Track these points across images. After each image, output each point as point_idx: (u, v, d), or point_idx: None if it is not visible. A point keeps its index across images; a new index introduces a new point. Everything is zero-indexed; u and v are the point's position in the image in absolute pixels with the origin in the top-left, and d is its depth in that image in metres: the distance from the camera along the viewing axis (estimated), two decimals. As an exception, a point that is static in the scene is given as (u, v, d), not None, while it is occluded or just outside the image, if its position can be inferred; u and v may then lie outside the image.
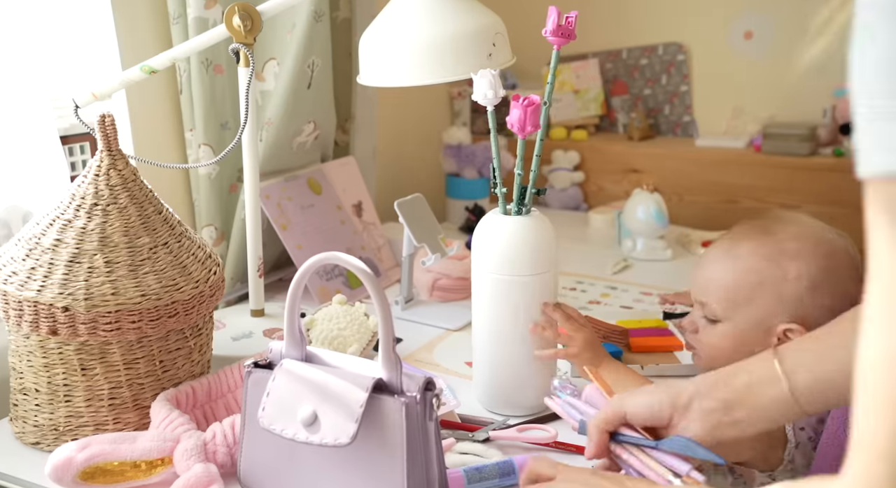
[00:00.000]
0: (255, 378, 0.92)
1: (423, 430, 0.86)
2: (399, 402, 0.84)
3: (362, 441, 0.85)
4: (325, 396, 0.86)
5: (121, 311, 1.02)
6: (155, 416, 1.04)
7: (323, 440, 0.85)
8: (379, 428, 0.85)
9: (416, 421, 0.85)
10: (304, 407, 0.87)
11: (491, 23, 1.27)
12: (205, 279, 1.10)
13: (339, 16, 1.66)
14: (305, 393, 0.88)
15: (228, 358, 1.27)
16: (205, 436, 0.99)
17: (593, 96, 2.22)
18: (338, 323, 1.29)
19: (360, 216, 1.68)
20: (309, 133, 1.59)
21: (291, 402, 0.88)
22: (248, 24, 1.26)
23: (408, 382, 0.86)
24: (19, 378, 1.07)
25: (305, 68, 1.52)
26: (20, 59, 1.23)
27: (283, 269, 1.62)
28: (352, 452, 0.86)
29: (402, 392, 0.85)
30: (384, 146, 1.91)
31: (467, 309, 1.49)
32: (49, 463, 0.94)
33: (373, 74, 1.30)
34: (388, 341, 0.85)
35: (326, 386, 0.87)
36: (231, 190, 1.54)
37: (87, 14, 1.36)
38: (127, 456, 0.96)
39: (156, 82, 1.44)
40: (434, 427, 0.87)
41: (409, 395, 0.85)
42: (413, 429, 0.85)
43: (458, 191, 2.03)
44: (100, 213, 1.05)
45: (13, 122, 1.24)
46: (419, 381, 0.85)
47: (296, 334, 0.91)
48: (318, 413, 0.86)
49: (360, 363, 0.90)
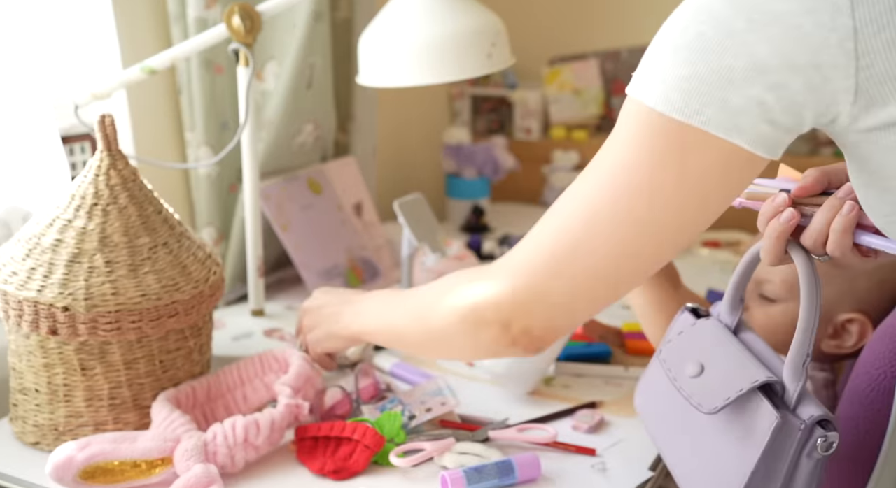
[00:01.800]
0: (683, 317, 0.94)
1: (794, 462, 0.79)
2: (773, 416, 0.78)
3: (724, 425, 0.82)
4: (721, 363, 0.85)
5: (121, 311, 1.02)
6: (155, 416, 1.04)
7: (692, 394, 0.85)
8: (744, 426, 0.81)
9: (785, 445, 0.78)
10: (697, 361, 0.87)
11: (491, 23, 1.27)
12: (205, 279, 1.10)
13: (339, 16, 1.66)
14: (708, 351, 0.87)
15: (228, 358, 1.27)
16: (205, 437, 0.99)
17: (593, 96, 2.22)
18: (338, 323, 1.29)
19: (360, 216, 1.68)
20: (309, 133, 1.59)
21: (692, 351, 0.89)
22: (248, 24, 1.26)
23: (808, 407, 0.79)
24: (19, 378, 1.07)
25: (305, 68, 1.52)
26: (20, 59, 1.23)
27: (283, 269, 1.62)
28: (713, 427, 0.84)
29: (792, 409, 0.79)
30: (384, 146, 1.90)
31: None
32: (49, 463, 0.94)
33: (373, 74, 1.30)
34: (802, 349, 0.79)
35: (728, 357, 0.85)
36: (231, 190, 1.54)
37: (87, 14, 1.36)
38: (127, 455, 0.96)
39: (156, 82, 1.44)
40: (811, 467, 0.79)
41: (794, 416, 0.78)
42: (777, 453, 0.78)
43: (458, 191, 2.03)
44: (100, 213, 1.05)
45: (13, 122, 1.24)
46: (817, 412, 0.78)
47: (736, 302, 0.90)
48: (705, 369, 0.86)
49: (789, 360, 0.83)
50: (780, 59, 0.60)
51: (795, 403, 0.79)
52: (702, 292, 1.53)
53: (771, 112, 0.62)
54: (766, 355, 0.85)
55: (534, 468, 1.00)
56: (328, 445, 1.04)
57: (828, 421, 0.78)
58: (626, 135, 0.69)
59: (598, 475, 1.02)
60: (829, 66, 0.59)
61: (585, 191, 0.73)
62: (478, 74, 1.27)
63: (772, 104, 0.61)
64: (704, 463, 0.86)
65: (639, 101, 0.67)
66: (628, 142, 0.69)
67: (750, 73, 0.61)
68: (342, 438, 1.03)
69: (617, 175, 0.70)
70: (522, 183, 2.16)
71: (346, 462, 1.01)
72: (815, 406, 0.78)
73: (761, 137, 0.63)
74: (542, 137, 2.18)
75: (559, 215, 0.76)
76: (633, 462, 1.04)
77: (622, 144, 0.70)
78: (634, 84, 0.68)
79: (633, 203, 0.69)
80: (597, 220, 0.71)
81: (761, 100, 0.61)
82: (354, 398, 1.15)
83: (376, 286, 1.60)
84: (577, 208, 0.73)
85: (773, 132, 0.63)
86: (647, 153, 0.67)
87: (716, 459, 0.84)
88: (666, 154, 0.66)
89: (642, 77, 0.68)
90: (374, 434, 1.02)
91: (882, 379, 0.90)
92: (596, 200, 0.71)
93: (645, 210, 0.68)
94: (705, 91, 0.62)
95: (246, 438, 1.00)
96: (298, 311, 1.21)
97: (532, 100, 2.15)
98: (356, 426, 1.03)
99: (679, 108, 0.63)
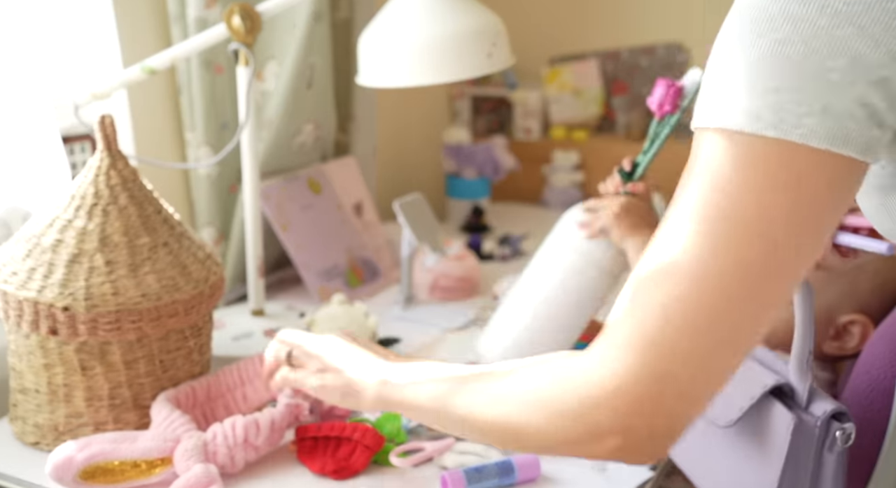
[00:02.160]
0: None
1: (817, 459, 0.79)
2: (788, 417, 0.78)
3: (743, 436, 0.82)
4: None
5: (121, 311, 1.02)
6: (155, 416, 1.04)
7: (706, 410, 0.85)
8: (761, 434, 0.81)
9: (805, 445, 0.78)
10: None
11: (491, 23, 1.27)
12: (205, 279, 1.10)
13: (339, 16, 1.66)
14: None
15: (228, 358, 1.27)
16: (205, 437, 0.99)
17: (593, 96, 2.22)
18: (338, 322, 1.29)
19: (360, 216, 1.68)
20: (309, 133, 1.59)
21: None
22: (248, 23, 1.26)
23: (820, 403, 0.78)
24: (19, 378, 1.07)
25: (305, 68, 1.52)
26: (20, 59, 1.23)
27: (283, 269, 1.62)
28: (732, 438, 0.83)
29: (805, 407, 0.79)
30: (384, 146, 1.90)
31: (467, 309, 1.49)
32: (49, 462, 0.94)
33: (373, 74, 1.30)
34: (803, 348, 0.79)
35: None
36: (231, 190, 1.54)
37: (87, 14, 1.36)
38: (127, 455, 0.96)
39: (156, 82, 1.44)
40: (835, 462, 0.79)
41: (809, 415, 0.78)
42: (799, 453, 0.78)
43: (458, 191, 2.03)
44: (100, 213, 1.05)
45: (13, 122, 1.24)
46: (829, 406, 0.78)
47: None
48: None
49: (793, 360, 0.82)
50: (881, 51, 0.53)
51: (807, 402, 0.79)
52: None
53: (878, 112, 0.54)
54: (767, 360, 0.85)
55: (534, 468, 1.00)
56: (328, 445, 1.04)
57: (842, 413, 0.78)
58: (714, 175, 0.57)
59: (598, 475, 1.02)
60: None
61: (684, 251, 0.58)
62: (478, 74, 1.27)
63: (877, 103, 0.54)
64: (732, 477, 0.85)
65: (717, 129, 0.56)
66: (717, 179, 0.57)
67: (849, 72, 0.53)
68: (342, 438, 1.04)
69: (715, 219, 0.57)
70: (522, 183, 2.16)
71: (347, 461, 1.01)
72: (827, 401, 0.79)
73: (869, 144, 0.55)
74: (542, 137, 2.18)
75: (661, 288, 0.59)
76: (633, 462, 1.04)
77: (711, 186, 0.57)
78: (703, 115, 0.58)
79: (747, 248, 0.56)
80: (707, 278, 0.57)
81: (865, 100, 0.54)
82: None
83: (376, 286, 1.60)
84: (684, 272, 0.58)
85: (880, 135, 0.55)
86: (745, 186, 0.56)
87: (742, 471, 0.83)
88: (767, 181, 0.55)
89: (712, 104, 0.57)
90: (375, 434, 1.02)
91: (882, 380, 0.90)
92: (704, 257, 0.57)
93: (751, 250, 0.56)
94: (800, 100, 0.54)
95: (246, 438, 1.00)
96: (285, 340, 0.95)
97: (532, 100, 2.15)
98: (356, 426, 1.03)
99: (773, 123, 0.54)
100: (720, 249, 0.56)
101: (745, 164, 0.55)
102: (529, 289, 1.17)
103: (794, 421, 0.77)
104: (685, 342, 0.57)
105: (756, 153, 0.55)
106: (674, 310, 0.57)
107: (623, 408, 0.58)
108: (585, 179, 2.25)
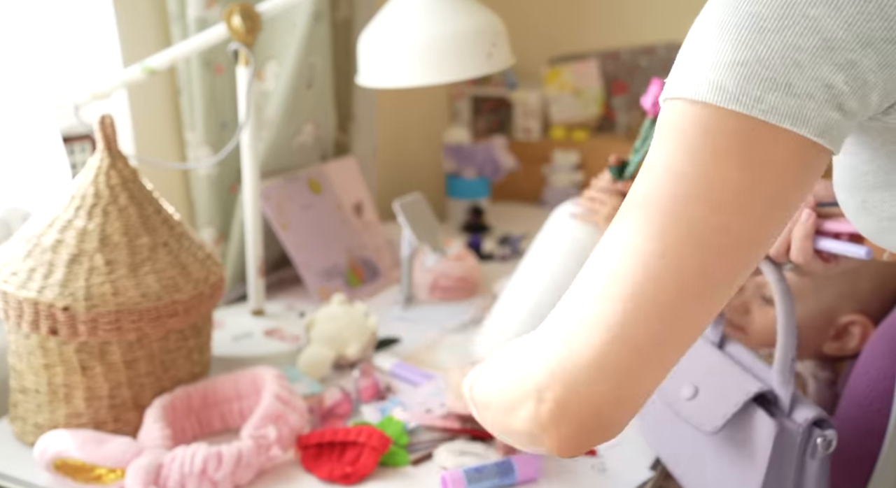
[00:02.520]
0: None
1: (799, 466, 0.79)
2: (770, 424, 0.79)
3: (728, 442, 0.83)
4: (713, 381, 0.85)
5: (121, 311, 1.02)
6: (145, 421, 1.04)
7: (691, 416, 0.84)
8: (745, 440, 0.81)
9: (787, 451, 0.79)
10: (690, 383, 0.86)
11: (491, 23, 1.27)
12: (205, 279, 1.10)
13: (339, 16, 1.66)
14: (699, 371, 0.87)
15: (228, 358, 1.27)
16: (163, 458, 0.96)
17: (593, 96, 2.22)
18: (338, 322, 1.29)
19: (360, 216, 1.68)
20: (309, 133, 1.59)
21: (683, 374, 0.87)
22: (248, 23, 1.25)
23: (802, 410, 0.79)
24: (19, 378, 1.07)
25: (305, 68, 1.52)
26: (20, 59, 1.23)
27: (283, 269, 1.62)
28: (717, 444, 0.84)
29: (787, 414, 0.79)
30: (384, 146, 1.90)
31: (467, 309, 1.49)
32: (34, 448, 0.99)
33: (373, 74, 1.30)
34: (786, 356, 0.80)
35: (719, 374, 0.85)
36: (231, 190, 1.54)
37: (87, 14, 1.36)
38: (87, 458, 0.96)
39: (156, 82, 1.44)
40: (817, 468, 0.80)
41: (791, 422, 0.79)
42: (781, 459, 0.79)
43: (458, 190, 2.03)
44: (100, 213, 1.05)
45: (13, 122, 1.24)
46: (811, 413, 0.79)
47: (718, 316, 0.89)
48: (699, 389, 0.85)
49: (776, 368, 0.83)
50: (852, 33, 0.53)
51: (790, 408, 0.79)
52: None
53: (840, 95, 0.54)
54: (754, 366, 0.86)
55: (534, 468, 1.00)
56: (332, 451, 1.03)
57: (824, 420, 0.78)
58: (671, 145, 0.56)
59: (598, 475, 1.02)
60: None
61: (630, 226, 0.57)
62: (478, 74, 1.27)
63: (840, 86, 0.53)
64: (719, 482, 0.86)
65: (683, 99, 0.56)
66: (674, 151, 0.56)
67: (818, 52, 0.53)
68: (347, 443, 1.03)
69: (659, 192, 0.56)
70: (522, 183, 2.16)
71: (355, 465, 1.01)
72: (809, 407, 0.79)
73: (828, 125, 0.54)
74: (541, 137, 2.18)
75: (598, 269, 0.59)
76: (633, 462, 1.04)
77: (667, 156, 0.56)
78: (670, 85, 0.57)
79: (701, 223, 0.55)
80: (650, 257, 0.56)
81: (830, 82, 0.53)
82: (354, 398, 1.15)
83: (376, 286, 1.60)
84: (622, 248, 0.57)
85: (840, 119, 0.55)
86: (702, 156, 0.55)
87: (727, 476, 0.84)
88: (723, 154, 0.54)
89: (680, 74, 0.57)
90: (381, 435, 1.02)
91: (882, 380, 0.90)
92: (642, 235, 0.56)
93: (702, 227, 0.55)
94: (767, 75, 0.53)
95: (204, 470, 0.95)
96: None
97: (532, 100, 2.15)
98: (361, 429, 1.03)
99: (735, 96, 0.54)
100: (672, 223, 0.56)
101: (705, 135, 0.55)
102: (523, 284, 1.17)
103: (776, 429, 0.78)
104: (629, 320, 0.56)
105: (717, 125, 0.55)
106: (621, 287, 0.56)
107: (562, 397, 0.58)
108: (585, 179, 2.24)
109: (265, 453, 1.00)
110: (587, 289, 0.59)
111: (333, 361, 1.26)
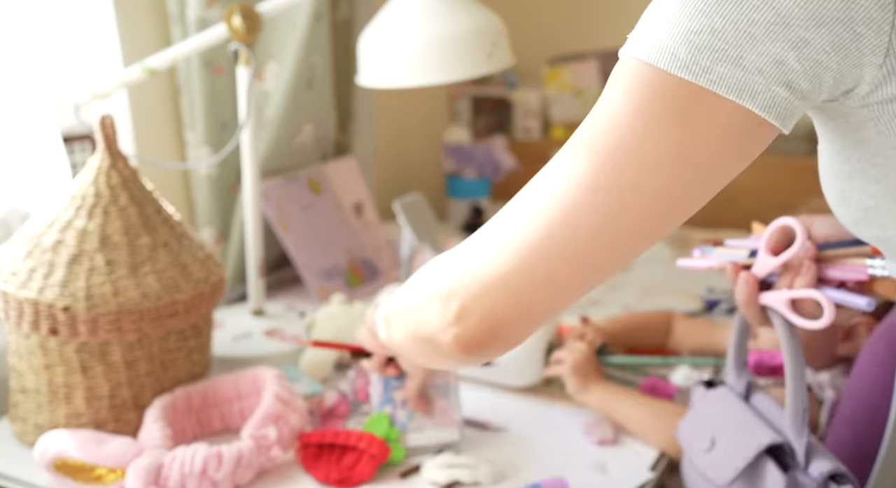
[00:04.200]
0: (696, 390, 0.94)
1: None
2: (782, 479, 0.77)
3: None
4: (729, 433, 0.84)
5: (121, 311, 1.02)
6: (145, 421, 1.04)
7: (706, 469, 0.84)
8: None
9: None
10: (708, 436, 0.87)
11: (491, 23, 1.27)
12: (205, 279, 1.10)
13: (339, 16, 1.66)
14: (718, 423, 0.86)
15: (228, 358, 1.27)
16: (164, 458, 0.96)
17: (593, 96, 2.22)
18: (338, 323, 1.29)
19: (360, 216, 1.68)
20: (309, 133, 1.59)
21: (703, 425, 0.88)
22: (248, 23, 1.25)
23: (819, 463, 0.76)
24: (19, 378, 1.07)
25: (305, 68, 1.52)
26: (20, 59, 1.23)
27: (283, 269, 1.62)
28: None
29: (803, 468, 0.77)
30: (384, 146, 1.90)
31: (467, 309, 1.49)
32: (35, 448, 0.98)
33: (373, 74, 1.30)
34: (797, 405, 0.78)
35: (736, 425, 0.84)
36: (231, 190, 1.54)
37: (87, 14, 1.36)
38: (87, 458, 0.96)
39: (156, 82, 1.44)
40: None
41: (805, 476, 0.77)
42: None
43: (458, 191, 2.03)
44: (100, 213, 1.05)
45: (13, 122, 1.24)
46: (827, 467, 0.76)
47: (740, 366, 0.90)
48: (716, 441, 0.85)
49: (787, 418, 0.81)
50: (806, 11, 0.53)
51: (806, 460, 0.77)
52: (700, 291, 1.53)
53: (790, 73, 0.54)
54: (775, 416, 0.84)
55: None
56: (333, 453, 1.03)
57: (842, 475, 0.76)
58: (619, 98, 0.59)
59: (598, 475, 1.02)
60: (860, 20, 0.53)
61: (566, 165, 0.61)
62: (478, 74, 1.27)
63: (792, 64, 0.54)
64: None
65: (635, 58, 0.58)
66: (617, 103, 0.58)
67: (772, 27, 0.53)
68: (347, 447, 1.03)
69: (599, 137, 0.59)
70: (522, 183, 2.12)
71: (352, 471, 1.01)
72: (827, 460, 0.77)
73: (775, 102, 0.55)
74: (542, 137, 2.18)
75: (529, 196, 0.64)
76: (633, 462, 1.04)
77: (609, 106, 0.59)
78: (630, 42, 0.59)
79: (618, 167, 0.58)
80: (576, 195, 0.59)
81: (781, 58, 0.54)
82: (351, 399, 1.15)
83: (376, 286, 1.60)
84: (555, 183, 0.62)
85: (788, 96, 0.55)
86: (640, 114, 0.57)
87: None
88: (663, 116, 0.56)
89: (640, 34, 0.59)
90: (381, 443, 1.01)
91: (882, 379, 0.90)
92: (578, 170, 0.60)
93: (632, 175, 0.58)
94: (719, 47, 0.54)
95: (204, 470, 0.95)
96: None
97: (532, 100, 2.15)
98: (361, 435, 1.03)
99: (686, 64, 0.55)
100: (607, 177, 0.58)
101: (652, 97, 0.57)
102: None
103: (786, 484, 0.76)
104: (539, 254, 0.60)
105: (664, 89, 0.56)
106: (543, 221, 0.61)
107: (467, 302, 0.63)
108: (585, 179, 2.25)
109: (265, 453, 1.00)
110: (515, 213, 0.63)
111: (335, 361, 1.26)
